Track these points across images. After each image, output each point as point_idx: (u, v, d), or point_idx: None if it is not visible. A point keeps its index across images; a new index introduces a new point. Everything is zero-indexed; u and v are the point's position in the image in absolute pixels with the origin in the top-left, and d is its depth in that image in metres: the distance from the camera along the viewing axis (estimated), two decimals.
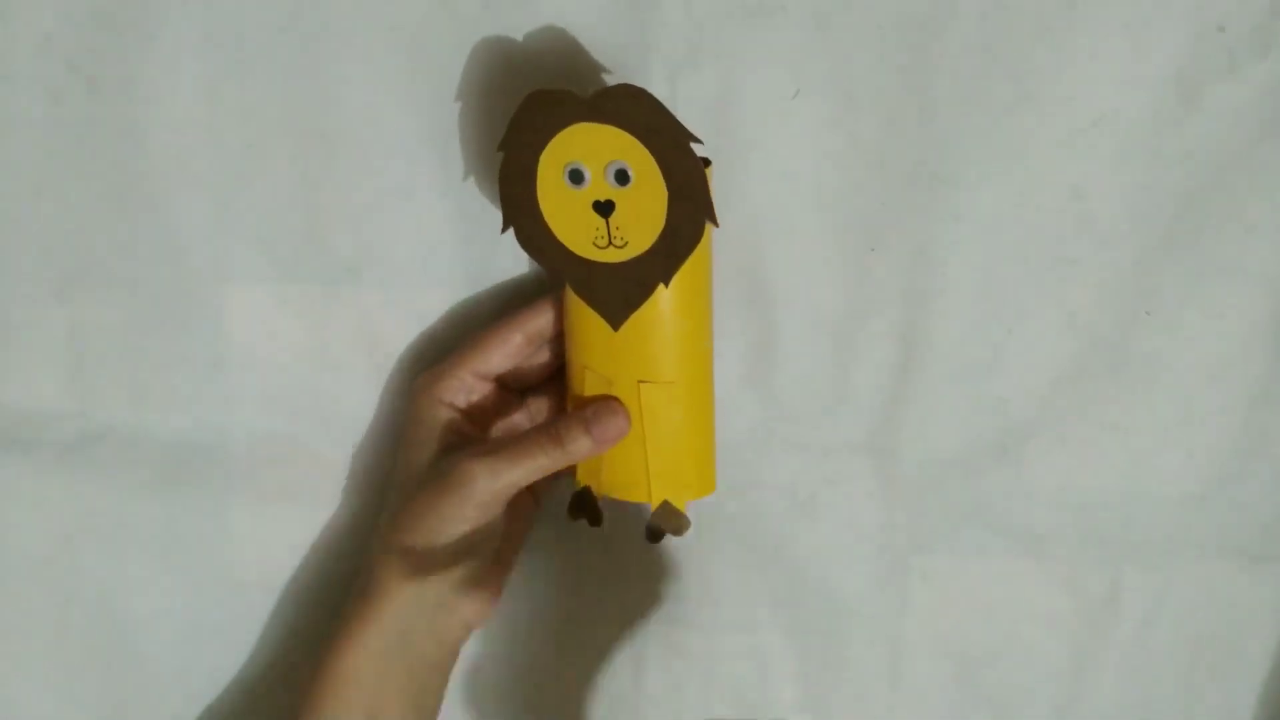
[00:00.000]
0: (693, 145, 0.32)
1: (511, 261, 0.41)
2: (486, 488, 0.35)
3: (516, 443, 0.36)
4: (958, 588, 0.43)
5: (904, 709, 0.45)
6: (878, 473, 0.42)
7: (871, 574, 0.43)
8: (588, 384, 0.37)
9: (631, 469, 0.37)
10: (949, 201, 0.39)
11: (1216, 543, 0.43)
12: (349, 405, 0.43)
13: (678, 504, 0.38)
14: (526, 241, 0.35)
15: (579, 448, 0.36)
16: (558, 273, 0.35)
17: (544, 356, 0.40)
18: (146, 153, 0.40)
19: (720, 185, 0.39)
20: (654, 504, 0.38)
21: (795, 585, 0.43)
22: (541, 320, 0.38)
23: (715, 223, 0.33)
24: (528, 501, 0.42)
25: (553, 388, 0.41)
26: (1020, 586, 0.43)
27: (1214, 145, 0.38)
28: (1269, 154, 0.38)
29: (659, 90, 0.38)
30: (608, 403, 0.36)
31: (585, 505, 0.39)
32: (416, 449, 0.38)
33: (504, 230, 0.35)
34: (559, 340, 0.39)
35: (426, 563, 0.36)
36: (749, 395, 0.42)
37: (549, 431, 0.36)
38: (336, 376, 0.42)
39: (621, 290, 0.34)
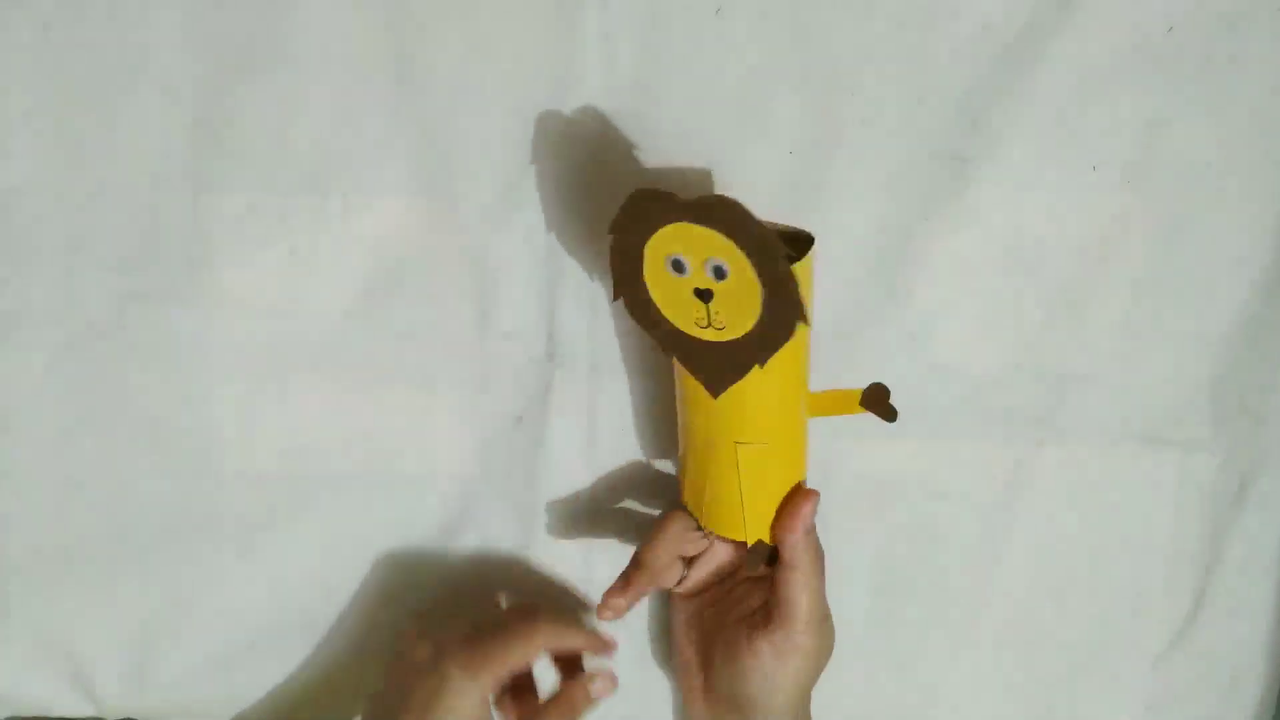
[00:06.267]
0: (795, 230, 0.36)
1: (462, 170, 0.45)
2: None
3: None
4: (874, 468, 0.47)
5: (832, 589, 0.47)
6: None
7: None
8: (690, 441, 0.41)
9: (731, 514, 0.41)
10: (856, 107, 0.43)
11: (1117, 426, 0.47)
12: (320, 302, 0.46)
13: (769, 541, 0.42)
14: (635, 312, 0.38)
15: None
16: (663, 345, 0.38)
17: None
18: (132, 74, 0.43)
19: (652, 95, 0.43)
20: (750, 543, 0.42)
21: None
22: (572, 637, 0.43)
23: (808, 323, 0.35)
24: None
25: None
26: (932, 465, 0.47)
27: (1089, 50, 0.42)
28: (1137, 59, 0.42)
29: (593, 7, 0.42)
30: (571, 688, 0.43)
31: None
32: None
33: (615, 299, 0.38)
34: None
35: None
36: None
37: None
38: (308, 278, 0.45)
39: (720, 365, 0.37)
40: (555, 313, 0.46)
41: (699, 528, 0.43)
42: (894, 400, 0.46)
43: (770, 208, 0.44)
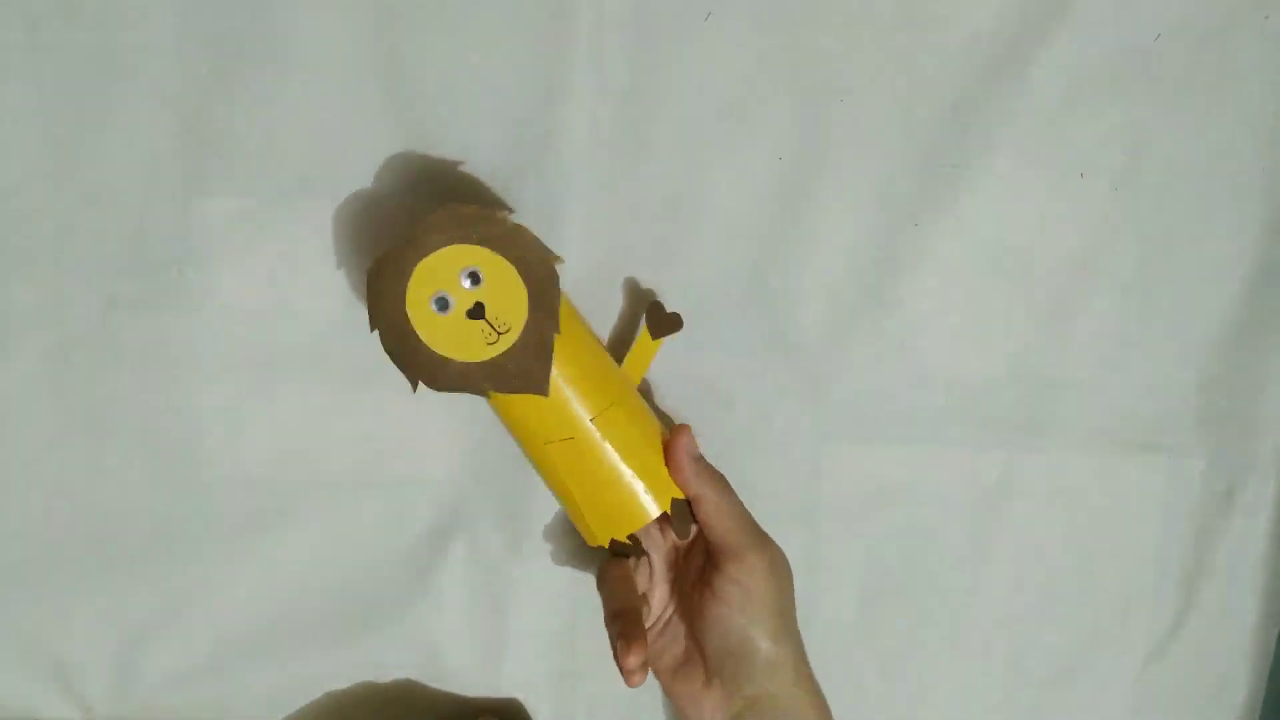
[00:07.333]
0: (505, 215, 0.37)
1: (452, 174, 0.45)
2: None
3: None
4: (863, 473, 0.47)
5: (822, 593, 0.48)
6: (787, 367, 0.46)
7: (784, 462, 0.47)
8: (558, 455, 0.40)
9: (628, 497, 0.40)
10: (845, 114, 0.43)
11: (1104, 433, 0.47)
12: (308, 306, 0.46)
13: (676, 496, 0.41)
14: (437, 386, 0.38)
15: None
16: (478, 391, 0.38)
17: None
18: (121, 76, 0.43)
19: (642, 102, 0.43)
20: (663, 510, 0.40)
21: None
22: None
23: (559, 259, 0.37)
24: None
25: None
26: (920, 471, 0.47)
27: (1077, 59, 0.43)
28: (1125, 67, 0.43)
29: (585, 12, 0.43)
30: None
31: (624, 550, 0.42)
32: None
33: (415, 388, 0.38)
34: None
35: None
36: (668, 297, 0.45)
37: None
38: (296, 282, 0.45)
39: (529, 361, 0.38)
40: None
41: (632, 559, 0.42)
42: (877, 405, 0.46)
43: (759, 213, 0.45)
